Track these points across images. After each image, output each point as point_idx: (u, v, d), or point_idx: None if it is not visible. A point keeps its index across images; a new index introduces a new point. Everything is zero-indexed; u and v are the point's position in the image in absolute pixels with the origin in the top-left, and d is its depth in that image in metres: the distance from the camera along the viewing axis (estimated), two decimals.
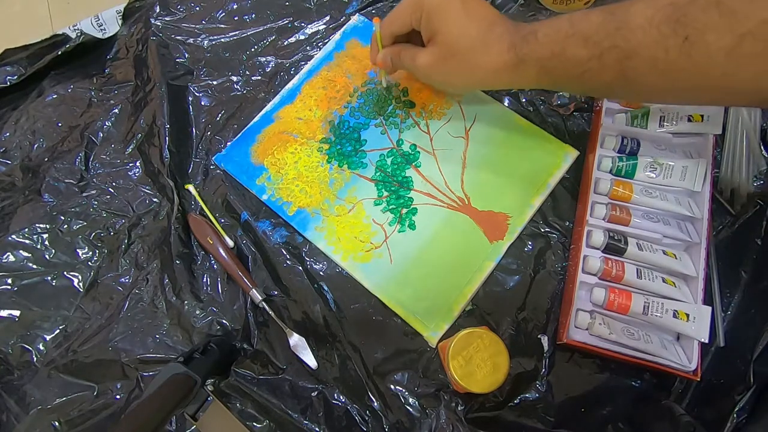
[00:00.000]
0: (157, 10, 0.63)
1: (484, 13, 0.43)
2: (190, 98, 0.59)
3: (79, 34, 0.60)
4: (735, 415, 0.42)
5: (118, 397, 0.47)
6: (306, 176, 0.53)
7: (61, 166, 0.56)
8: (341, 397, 0.46)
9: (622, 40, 0.35)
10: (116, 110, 0.59)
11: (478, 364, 0.40)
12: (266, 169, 0.54)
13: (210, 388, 0.45)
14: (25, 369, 0.49)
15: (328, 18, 0.61)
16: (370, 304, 0.49)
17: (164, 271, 0.51)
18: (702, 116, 0.47)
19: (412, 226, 0.51)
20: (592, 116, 0.54)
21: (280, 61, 0.60)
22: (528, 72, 0.41)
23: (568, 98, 0.54)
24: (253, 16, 0.62)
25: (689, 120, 0.48)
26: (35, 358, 0.49)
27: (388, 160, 0.53)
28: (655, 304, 0.42)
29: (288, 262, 0.51)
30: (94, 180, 0.56)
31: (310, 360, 0.47)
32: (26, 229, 0.53)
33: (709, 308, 0.41)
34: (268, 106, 0.57)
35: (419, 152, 0.54)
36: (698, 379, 0.41)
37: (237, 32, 0.62)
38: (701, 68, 0.32)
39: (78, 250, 0.53)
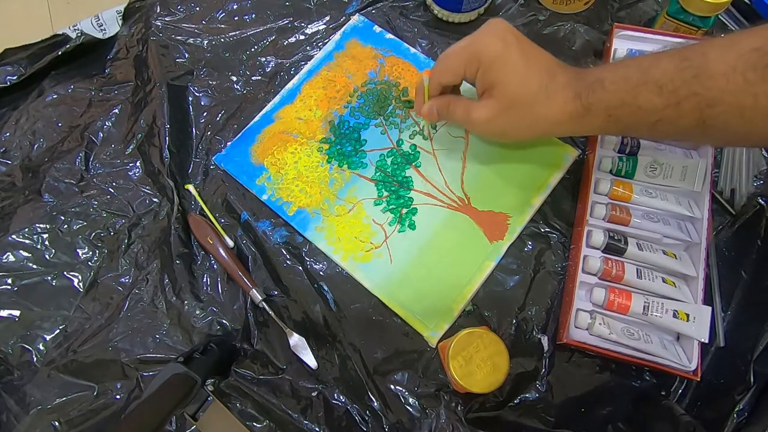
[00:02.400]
0: (158, 11, 0.63)
1: (545, 61, 0.41)
2: (190, 98, 0.59)
3: (79, 34, 0.60)
4: (735, 415, 0.42)
5: (118, 397, 0.47)
6: (306, 176, 0.53)
7: (61, 166, 0.56)
8: (341, 397, 0.46)
9: (702, 88, 0.33)
10: (116, 110, 0.58)
11: (478, 364, 0.40)
12: (266, 169, 0.54)
13: (210, 388, 0.45)
14: (25, 369, 0.49)
15: (328, 18, 0.62)
16: (370, 304, 0.49)
17: (164, 271, 0.51)
18: None
19: (412, 226, 0.51)
20: None
21: (280, 61, 0.60)
22: (594, 121, 0.39)
23: None
24: (253, 16, 0.62)
25: None
26: (35, 358, 0.49)
27: (388, 160, 0.53)
28: (655, 304, 0.42)
29: (288, 262, 0.51)
30: (94, 180, 0.56)
31: (310, 360, 0.47)
32: (26, 229, 0.53)
33: (709, 308, 0.41)
34: (268, 106, 0.57)
35: (419, 152, 0.54)
36: (698, 379, 0.41)
37: (237, 32, 0.62)
38: None
39: (78, 250, 0.53)
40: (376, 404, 0.46)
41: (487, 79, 0.41)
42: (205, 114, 0.58)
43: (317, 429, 0.45)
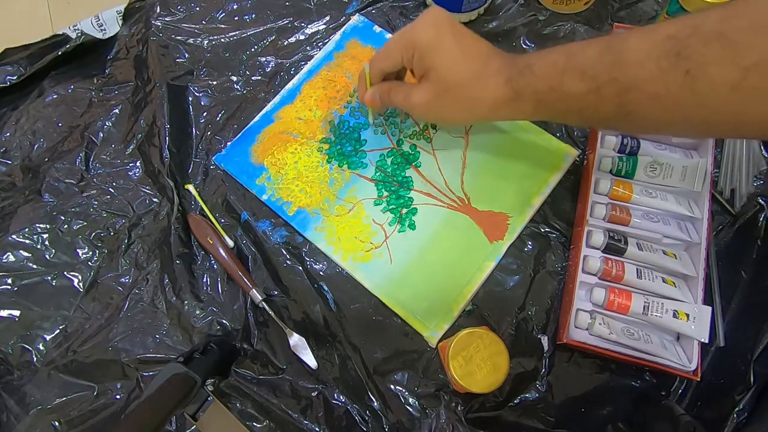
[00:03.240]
0: (158, 11, 0.63)
1: (479, 47, 0.42)
2: (190, 98, 0.59)
3: (79, 35, 0.60)
4: (735, 415, 0.42)
5: (118, 397, 0.47)
6: (306, 176, 0.53)
7: (61, 166, 0.56)
8: (341, 397, 0.46)
9: (620, 74, 0.34)
10: (116, 110, 0.59)
11: (478, 364, 0.40)
12: (266, 169, 0.54)
13: (210, 388, 0.45)
14: (25, 369, 0.49)
15: (328, 18, 0.62)
16: (370, 304, 0.49)
17: (164, 271, 0.51)
18: None
19: (412, 226, 0.51)
20: None
21: (280, 61, 0.60)
22: (525, 106, 0.40)
23: None
24: (253, 16, 0.62)
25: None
26: (35, 358, 0.49)
27: (388, 160, 0.53)
28: (655, 304, 0.42)
29: (288, 262, 0.51)
30: (94, 180, 0.56)
31: (310, 360, 0.47)
32: (26, 229, 0.53)
33: (709, 308, 0.41)
34: (268, 106, 0.57)
35: (419, 152, 0.54)
36: (698, 379, 0.41)
37: (237, 32, 0.62)
38: (705, 103, 0.31)
39: (78, 250, 0.53)
40: (376, 404, 0.46)
41: (422, 65, 0.43)
42: (205, 114, 0.58)
43: (317, 429, 0.45)
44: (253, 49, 0.61)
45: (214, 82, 0.59)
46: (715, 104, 0.31)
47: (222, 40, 0.61)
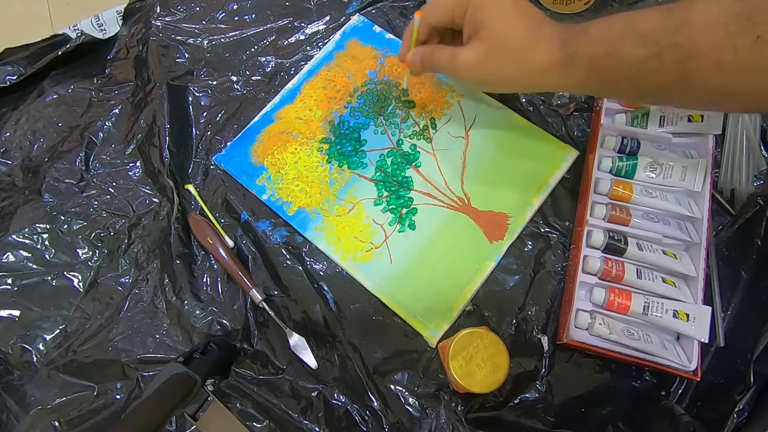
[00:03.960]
0: (158, 11, 0.63)
1: (533, 11, 0.41)
2: (190, 98, 0.59)
3: (79, 35, 0.60)
4: (735, 415, 0.42)
5: (118, 397, 0.47)
6: (306, 176, 0.53)
7: (61, 166, 0.56)
8: (341, 397, 0.46)
9: (684, 39, 0.32)
10: (116, 110, 0.59)
11: (478, 364, 0.40)
12: (266, 169, 0.54)
13: (210, 388, 0.45)
14: (25, 369, 0.49)
15: (328, 18, 0.62)
16: (370, 304, 0.49)
17: (164, 271, 0.51)
18: (702, 116, 0.47)
19: (412, 226, 0.51)
20: (592, 116, 0.54)
21: (280, 61, 0.60)
22: (578, 72, 0.38)
23: (568, 98, 0.54)
24: (253, 16, 0.62)
25: (689, 120, 0.48)
26: (35, 358, 0.49)
27: (388, 160, 0.53)
28: (655, 304, 0.42)
29: (288, 262, 0.51)
30: (94, 180, 0.56)
31: (310, 360, 0.47)
32: (26, 229, 0.53)
33: (709, 308, 0.41)
34: (268, 106, 0.57)
35: (419, 152, 0.54)
36: (698, 379, 0.41)
37: (237, 32, 0.62)
38: None
39: (78, 250, 0.53)
40: (376, 404, 0.46)
41: (475, 20, 0.41)
42: (205, 114, 0.58)
43: (317, 429, 0.45)
44: (253, 49, 0.61)
45: (214, 82, 0.59)
46: None
47: (222, 40, 0.61)
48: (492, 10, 0.40)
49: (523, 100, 0.55)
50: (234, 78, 0.59)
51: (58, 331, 0.50)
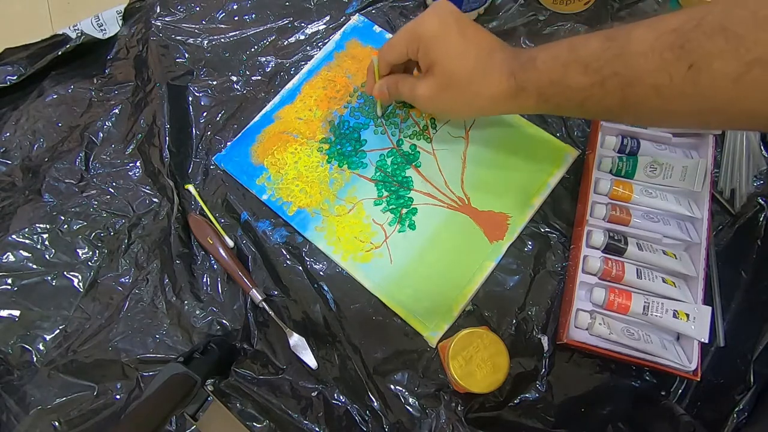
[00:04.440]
0: (158, 11, 0.63)
1: (482, 40, 0.42)
2: (190, 98, 0.59)
3: (79, 35, 0.60)
4: (735, 415, 0.42)
5: (118, 397, 0.47)
6: (306, 176, 0.53)
7: (61, 166, 0.56)
8: (341, 397, 0.46)
9: (623, 67, 0.34)
10: (116, 110, 0.58)
11: (478, 364, 0.40)
12: (266, 169, 0.54)
13: (210, 388, 0.45)
14: (25, 369, 0.49)
15: (328, 18, 0.62)
16: (370, 304, 0.49)
17: (164, 271, 0.51)
18: None
19: (412, 226, 0.51)
20: None
21: (280, 61, 0.60)
22: (528, 100, 0.40)
23: None
24: (253, 16, 0.62)
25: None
26: (35, 358, 0.49)
27: (388, 160, 0.53)
28: (655, 304, 0.42)
29: (288, 262, 0.51)
30: (94, 180, 0.56)
31: (310, 360, 0.47)
32: (26, 229, 0.53)
33: (709, 308, 0.41)
34: (268, 106, 0.57)
35: (419, 152, 0.54)
36: (698, 379, 0.41)
37: (237, 32, 0.62)
38: (707, 95, 0.32)
39: (78, 250, 0.53)
40: (376, 404, 0.46)
41: (427, 58, 0.43)
42: (205, 114, 0.58)
43: (317, 429, 0.45)
44: (253, 49, 0.61)
45: (214, 82, 0.59)
46: (718, 97, 0.31)
47: (222, 40, 0.61)
48: (441, 47, 0.42)
49: None
50: (234, 78, 0.59)
51: (58, 331, 0.50)
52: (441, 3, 0.44)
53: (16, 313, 0.51)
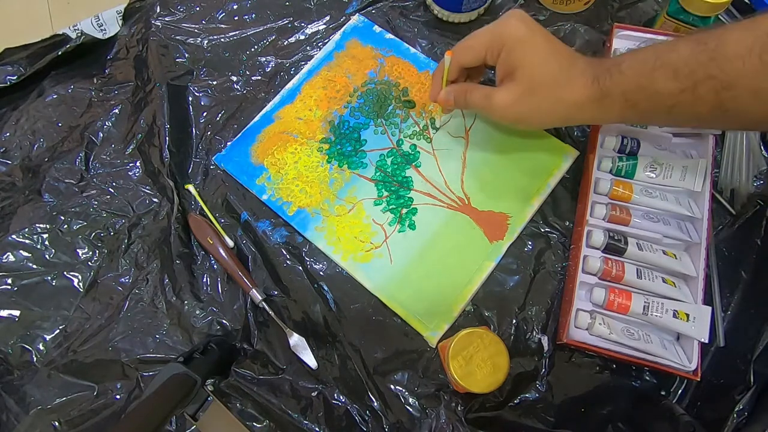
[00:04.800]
0: (158, 11, 0.63)
1: (565, 49, 0.41)
2: (190, 98, 0.59)
3: (79, 35, 0.60)
4: (735, 415, 0.42)
5: (118, 397, 0.47)
6: (306, 176, 0.53)
7: (61, 166, 0.56)
8: (341, 397, 0.46)
9: (718, 71, 0.33)
10: (116, 110, 0.58)
11: (478, 364, 0.40)
12: (266, 169, 0.54)
13: (210, 388, 0.45)
14: (25, 369, 0.49)
15: (328, 18, 0.62)
16: (370, 304, 0.49)
17: (164, 271, 0.51)
18: None
19: (412, 226, 0.51)
20: None
21: (280, 61, 0.60)
22: (612, 106, 0.39)
23: None
24: (253, 16, 0.62)
25: None
26: (35, 358, 0.49)
27: (388, 160, 0.53)
28: (655, 304, 0.42)
29: (288, 262, 0.51)
30: (94, 180, 0.56)
31: (310, 360, 0.47)
32: (26, 229, 0.53)
33: (709, 308, 0.41)
34: (268, 106, 0.57)
35: (419, 152, 0.54)
36: (698, 379, 0.41)
37: (237, 32, 0.62)
38: None
39: (78, 250, 0.53)
40: (376, 404, 0.46)
41: (509, 61, 0.41)
42: (205, 114, 0.58)
43: (317, 429, 0.45)
44: (253, 49, 0.61)
45: (214, 82, 0.59)
46: None
47: (222, 40, 0.61)
48: (526, 51, 0.41)
49: None
50: (234, 78, 0.59)
51: (58, 331, 0.50)
52: (520, 11, 0.42)
53: (16, 313, 0.51)
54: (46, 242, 0.53)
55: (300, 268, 0.50)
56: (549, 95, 0.41)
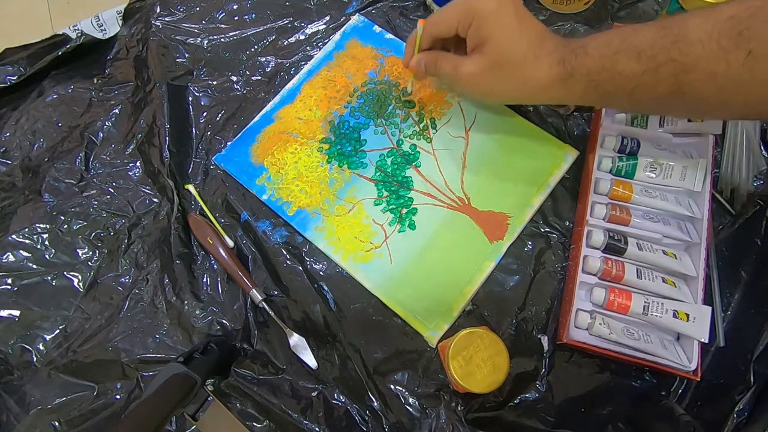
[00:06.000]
0: (158, 11, 0.63)
1: (536, 26, 0.42)
2: (190, 98, 0.59)
3: (79, 35, 0.60)
4: (735, 415, 0.42)
5: (118, 397, 0.47)
6: (306, 176, 0.53)
7: (61, 166, 0.56)
8: (341, 397, 0.46)
9: (678, 54, 0.34)
10: (116, 110, 0.59)
11: (478, 364, 0.40)
12: (266, 169, 0.54)
13: (210, 388, 0.45)
14: (25, 369, 0.49)
15: (328, 18, 0.62)
16: (370, 304, 0.49)
17: (164, 271, 0.51)
18: None
19: (412, 226, 0.51)
20: (592, 116, 0.54)
21: (280, 61, 0.60)
22: (576, 86, 0.40)
23: None
24: (253, 16, 0.62)
25: (689, 120, 0.48)
26: (35, 358, 0.49)
27: (388, 160, 0.53)
28: (655, 304, 0.42)
29: (288, 262, 0.51)
30: (94, 180, 0.56)
31: (310, 360, 0.47)
32: (26, 229, 0.53)
33: (709, 308, 0.41)
34: (268, 106, 0.57)
35: (419, 152, 0.54)
36: (698, 379, 0.41)
37: (237, 32, 0.62)
38: (764, 82, 0.32)
39: (78, 250, 0.53)
40: (376, 404, 0.46)
41: (479, 34, 0.42)
42: (205, 114, 0.58)
43: (317, 429, 0.45)
44: (253, 49, 0.61)
45: (214, 82, 0.59)
46: None
47: (222, 40, 0.61)
48: (496, 25, 0.41)
49: None
50: (234, 78, 0.59)
51: (58, 331, 0.50)
52: None
53: (16, 313, 0.51)
54: (46, 242, 0.53)
55: (300, 268, 0.50)
56: (515, 73, 0.42)
